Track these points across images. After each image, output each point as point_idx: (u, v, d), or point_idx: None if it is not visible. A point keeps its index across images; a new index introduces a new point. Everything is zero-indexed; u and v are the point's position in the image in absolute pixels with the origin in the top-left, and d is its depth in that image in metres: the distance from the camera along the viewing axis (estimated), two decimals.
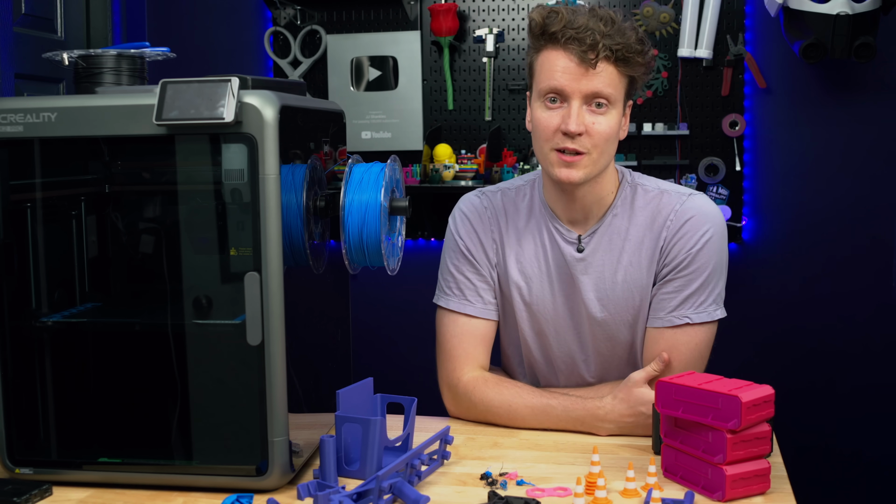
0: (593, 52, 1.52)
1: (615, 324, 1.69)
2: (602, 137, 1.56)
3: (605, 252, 1.67)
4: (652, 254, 1.65)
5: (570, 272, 1.68)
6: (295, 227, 1.40)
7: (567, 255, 1.68)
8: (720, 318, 1.64)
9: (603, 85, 1.54)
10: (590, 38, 1.51)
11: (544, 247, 1.70)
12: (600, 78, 1.54)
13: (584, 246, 1.67)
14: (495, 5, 3.05)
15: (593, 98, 1.55)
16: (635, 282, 1.66)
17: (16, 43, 2.55)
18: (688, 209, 1.64)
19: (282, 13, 3.13)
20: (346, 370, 1.71)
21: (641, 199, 1.67)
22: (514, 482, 1.41)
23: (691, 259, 1.62)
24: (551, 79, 1.55)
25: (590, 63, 1.52)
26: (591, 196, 1.65)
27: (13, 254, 1.40)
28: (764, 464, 1.34)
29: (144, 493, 1.39)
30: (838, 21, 2.60)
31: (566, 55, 1.54)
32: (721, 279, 1.65)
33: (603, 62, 1.53)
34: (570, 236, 1.68)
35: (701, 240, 1.62)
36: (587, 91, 1.54)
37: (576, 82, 1.54)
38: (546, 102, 1.57)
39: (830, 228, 2.93)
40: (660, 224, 1.64)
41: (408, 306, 3.18)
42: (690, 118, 2.94)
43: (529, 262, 1.71)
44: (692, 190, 1.69)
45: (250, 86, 1.33)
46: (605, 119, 1.56)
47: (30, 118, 1.36)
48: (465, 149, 3.08)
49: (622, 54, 1.53)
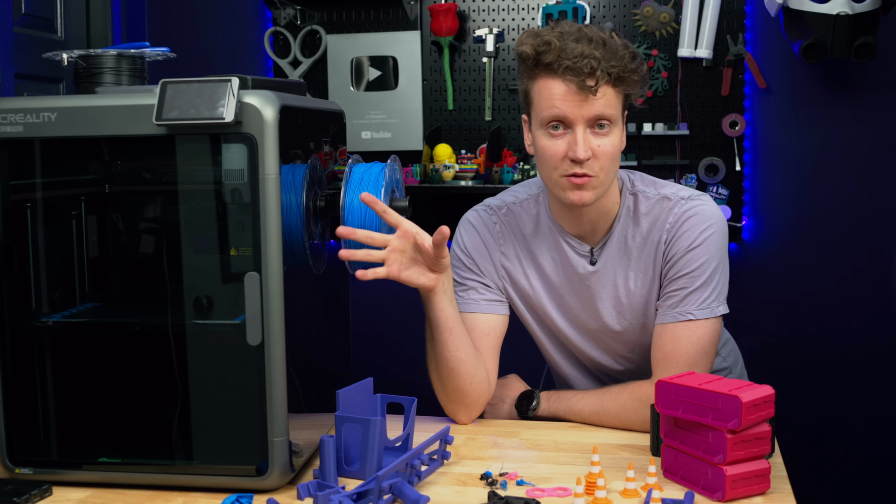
0: (592, 79, 1.52)
1: (634, 331, 1.71)
2: (609, 158, 1.57)
3: (615, 262, 1.69)
4: (655, 257, 1.66)
5: (586, 284, 1.70)
6: (295, 227, 1.40)
7: (580, 269, 1.70)
8: (723, 315, 1.66)
9: (604, 108, 1.54)
10: (587, 66, 1.51)
11: (556, 261, 1.72)
12: (601, 102, 1.54)
13: (597, 258, 1.69)
14: (495, 5, 3.05)
15: (596, 121, 1.55)
16: (646, 287, 1.68)
17: (16, 43, 2.55)
18: (687, 210, 1.65)
19: (282, 13, 3.13)
20: (346, 370, 1.71)
21: (643, 207, 1.68)
22: (514, 482, 1.41)
23: (692, 256, 1.63)
24: (552, 107, 1.55)
25: (590, 90, 1.52)
26: (597, 210, 1.66)
27: (13, 254, 1.40)
28: (764, 464, 1.34)
29: (144, 493, 1.39)
30: (838, 21, 2.60)
31: (564, 84, 1.54)
32: (723, 276, 1.66)
33: (602, 86, 1.53)
34: (582, 249, 1.69)
35: (701, 237, 1.63)
36: (590, 116, 1.54)
37: (578, 109, 1.54)
38: (549, 130, 1.57)
39: (830, 228, 2.93)
40: (660, 227, 1.66)
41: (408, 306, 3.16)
42: (690, 118, 2.94)
43: (543, 277, 1.73)
44: (692, 191, 1.69)
45: (250, 86, 1.33)
46: (608, 140, 1.56)
47: (30, 118, 1.36)
48: (465, 149, 3.08)
49: (619, 75, 1.54)
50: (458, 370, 1.64)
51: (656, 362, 1.65)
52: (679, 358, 1.62)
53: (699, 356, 1.63)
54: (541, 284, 1.74)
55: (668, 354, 1.63)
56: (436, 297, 1.59)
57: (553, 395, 1.73)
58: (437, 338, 1.63)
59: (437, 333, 1.62)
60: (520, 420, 1.74)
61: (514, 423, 1.71)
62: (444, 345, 1.62)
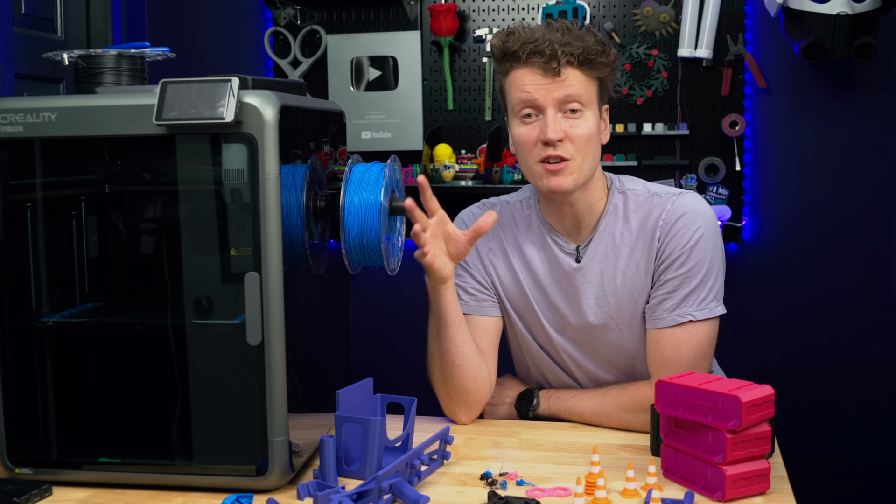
0: (555, 60, 1.57)
1: (619, 329, 1.70)
2: (583, 140, 1.59)
3: (602, 259, 1.68)
4: (648, 256, 1.66)
5: (571, 282, 1.70)
6: (295, 227, 1.40)
7: (566, 266, 1.70)
8: (721, 315, 1.65)
9: (572, 89, 1.58)
10: (548, 48, 1.56)
11: (543, 260, 1.72)
12: (568, 83, 1.58)
13: (582, 255, 1.69)
14: (495, 5, 3.05)
15: (566, 104, 1.59)
16: (635, 286, 1.67)
17: (16, 43, 2.55)
18: (678, 208, 1.65)
19: (282, 13, 3.13)
20: (346, 370, 1.71)
21: (633, 204, 1.68)
22: (514, 482, 1.41)
23: (687, 256, 1.62)
24: (521, 92, 1.60)
25: (554, 72, 1.57)
26: (581, 203, 1.67)
27: (13, 254, 1.40)
28: (764, 464, 1.34)
29: (144, 493, 1.39)
30: (838, 21, 2.60)
31: (530, 70, 1.59)
32: (719, 275, 1.65)
33: (567, 68, 1.58)
34: (568, 247, 1.70)
35: (694, 236, 1.63)
36: (558, 97, 1.58)
37: (545, 91, 1.58)
38: (522, 119, 1.61)
39: (830, 228, 2.93)
40: (652, 225, 1.66)
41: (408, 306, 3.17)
42: (690, 118, 2.94)
43: (531, 275, 1.73)
44: (681, 189, 1.70)
45: (250, 86, 1.33)
46: (581, 122, 1.60)
47: (30, 118, 1.36)
48: (465, 149, 3.08)
49: (584, 57, 1.58)
50: (462, 366, 1.64)
51: (655, 367, 1.64)
52: (680, 363, 1.61)
53: (699, 359, 1.62)
54: (528, 283, 1.73)
55: (668, 359, 1.62)
56: (448, 289, 1.61)
57: (553, 395, 1.73)
58: (444, 333, 1.63)
59: (444, 328, 1.63)
60: (519, 420, 1.74)
61: (514, 423, 1.71)
62: (452, 339, 1.63)
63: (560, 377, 1.77)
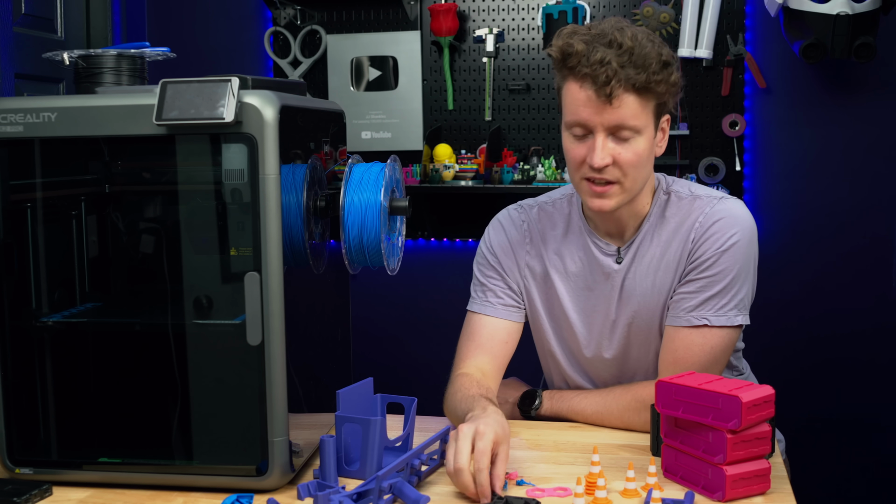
0: (608, 87, 1.48)
1: (650, 329, 1.68)
2: (630, 165, 1.54)
3: (640, 260, 1.66)
4: (680, 256, 1.63)
5: (611, 284, 1.68)
6: (295, 227, 1.40)
7: (606, 267, 1.68)
8: (741, 325, 1.62)
9: (625, 117, 1.51)
10: (603, 75, 1.47)
11: (583, 261, 1.70)
12: (622, 111, 1.50)
13: (623, 257, 1.67)
14: (495, 5, 3.05)
15: (617, 130, 1.52)
16: (664, 285, 1.65)
17: (16, 43, 2.55)
18: (717, 211, 1.62)
19: (282, 13, 3.13)
20: (346, 370, 1.71)
21: (674, 205, 1.66)
22: (514, 482, 1.41)
23: (715, 260, 1.60)
24: (574, 113, 1.53)
25: (607, 98, 1.49)
26: (627, 212, 1.64)
27: (13, 254, 1.40)
28: (764, 464, 1.34)
29: (144, 493, 1.39)
30: (838, 21, 2.60)
31: (584, 90, 1.51)
32: (745, 285, 1.62)
33: (622, 95, 1.49)
34: (608, 249, 1.68)
35: (727, 242, 1.60)
36: (609, 124, 1.52)
37: (597, 115, 1.51)
38: (572, 134, 1.56)
39: (830, 228, 2.93)
40: (688, 226, 1.63)
41: (408, 306, 3.18)
42: (690, 118, 2.94)
43: (567, 277, 1.71)
44: (724, 194, 1.67)
45: (250, 86, 1.33)
46: (631, 147, 1.53)
47: (30, 118, 1.36)
48: (465, 149, 3.08)
49: (641, 85, 1.49)
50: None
51: (665, 366, 1.63)
52: (690, 365, 1.59)
53: (710, 365, 1.60)
54: (564, 286, 1.71)
55: (679, 359, 1.61)
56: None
57: (556, 395, 1.73)
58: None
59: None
60: (521, 420, 1.74)
61: (515, 423, 1.71)
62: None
63: (579, 381, 1.77)
